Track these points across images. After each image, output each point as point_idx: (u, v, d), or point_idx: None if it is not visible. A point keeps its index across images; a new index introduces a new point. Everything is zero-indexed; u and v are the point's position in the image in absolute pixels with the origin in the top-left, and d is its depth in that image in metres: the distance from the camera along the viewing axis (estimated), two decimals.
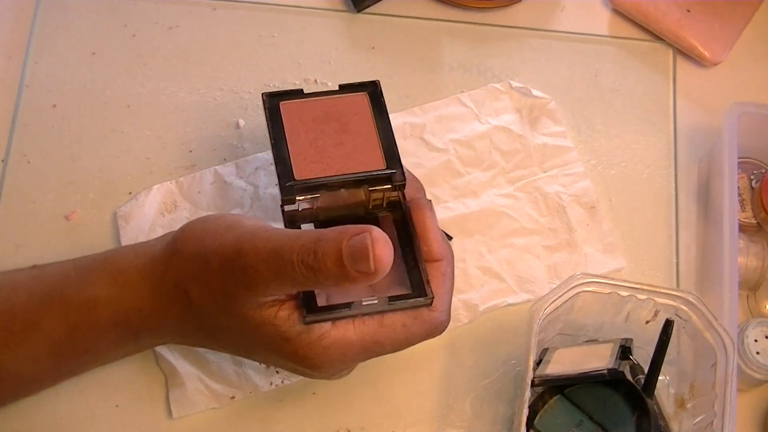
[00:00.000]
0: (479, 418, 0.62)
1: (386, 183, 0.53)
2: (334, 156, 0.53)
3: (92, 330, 0.52)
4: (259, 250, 0.47)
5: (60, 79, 0.70)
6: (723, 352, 0.56)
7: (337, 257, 0.45)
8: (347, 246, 0.45)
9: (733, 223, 0.63)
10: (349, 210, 0.54)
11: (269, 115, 0.55)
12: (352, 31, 0.73)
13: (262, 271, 0.47)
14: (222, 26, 0.73)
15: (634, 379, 0.58)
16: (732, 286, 0.61)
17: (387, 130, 0.55)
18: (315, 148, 0.54)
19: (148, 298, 0.51)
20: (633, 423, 0.56)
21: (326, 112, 0.55)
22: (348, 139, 0.54)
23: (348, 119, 0.55)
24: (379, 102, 0.56)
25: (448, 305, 0.52)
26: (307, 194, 0.52)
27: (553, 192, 0.68)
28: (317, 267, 0.45)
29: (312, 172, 0.53)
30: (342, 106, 0.56)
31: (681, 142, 0.72)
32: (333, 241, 0.45)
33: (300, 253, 0.46)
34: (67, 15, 0.72)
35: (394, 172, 0.53)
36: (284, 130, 0.54)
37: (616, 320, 0.61)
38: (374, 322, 0.50)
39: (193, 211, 0.66)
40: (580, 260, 0.66)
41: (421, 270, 0.51)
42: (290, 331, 0.49)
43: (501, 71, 0.72)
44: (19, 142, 0.68)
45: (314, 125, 0.55)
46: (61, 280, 0.53)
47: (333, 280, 0.46)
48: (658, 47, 0.74)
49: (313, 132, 0.54)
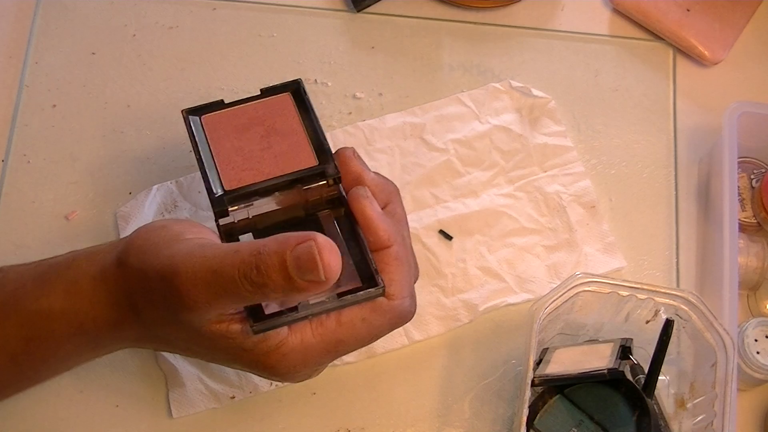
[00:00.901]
0: (479, 418, 0.62)
1: (320, 179, 0.52)
2: (263, 160, 0.52)
3: (48, 341, 0.51)
4: (196, 271, 0.45)
5: (60, 79, 0.70)
6: (723, 352, 0.56)
7: (282, 269, 0.43)
8: (291, 256, 0.43)
9: (733, 223, 0.63)
10: (287, 213, 0.52)
11: (191, 130, 0.53)
12: (352, 31, 0.73)
13: (200, 293, 0.45)
14: (222, 26, 0.73)
15: (634, 379, 0.58)
16: (732, 286, 0.61)
17: (314, 126, 0.53)
18: (242, 155, 0.52)
19: (102, 308, 0.50)
20: (633, 423, 0.56)
21: (250, 119, 0.54)
22: (275, 142, 0.53)
23: (273, 122, 0.54)
24: (302, 99, 0.55)
25: (409, 290, 0.51)
26: (240, 203, 0.51)
27: (553, 192, 0.68)
28: (262, 282, 0.44)
29: (242, 180, 0.51)
30: (265, 109, 0.55)
31: (681, 142, 0.72)
32: (275, 253, 0.44)
33: (241, 269, 0.44)
34: (67, 15, 0.72)
35: (326, 166, 0.52)
36: (208, 143, 0.53)
37: (616, 320, 0.61)
38: (332, 321, 0.49)
39: (193, 211, 0.66)
40: (580, 260, 0.66)
41: (368, 260, 0.49)
42: (246, 342, 0.48)
43: (501, 71, 0.72)
44: (19, 142, 0.68)
45: (239, 133, 0.53)
46: (17, 290, 0.52)
47: (281, 293, 0.44)
48: (658, 47, 0.74)
49: (239, 140, 0.53)
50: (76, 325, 0.50)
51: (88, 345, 0.52)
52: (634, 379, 0.58)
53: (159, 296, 0.47)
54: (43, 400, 0.61)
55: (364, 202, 0.50)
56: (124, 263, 0.49)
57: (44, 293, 0.51)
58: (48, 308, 0.50)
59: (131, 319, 0.50)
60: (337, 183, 0.52)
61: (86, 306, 0.50)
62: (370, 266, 0.49)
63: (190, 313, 0.46)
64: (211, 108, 0.55)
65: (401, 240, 0.51)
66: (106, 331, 0.51)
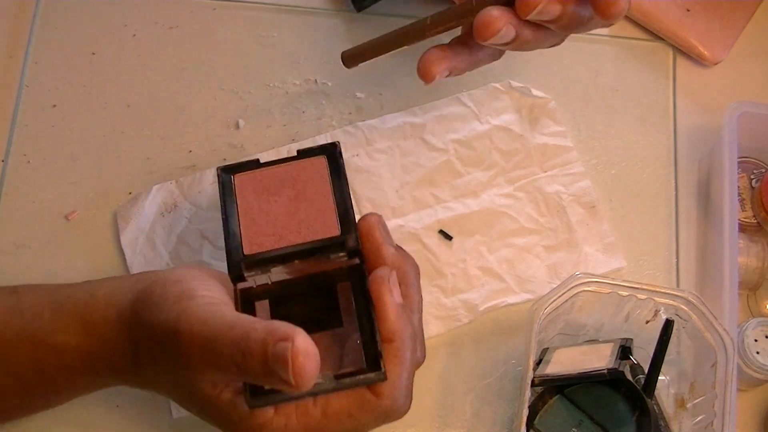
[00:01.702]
0: (479, 418, 0.62)
1: (339, 250, 0.50)
2: (287, 226, 0.51)
3: (61, 374, 0.52)
4: (195, 335, 0.45)
5: (60, 79, 0.70)
6: (723, 352, 0.56)
7: (262, 360, 0.43)
8: (272, 350, 0.43)
9: (733, 223, 0.63)
10: (306, 281, 0.51)
11: (222, 189, 0.53)
12: (352, 31, 0.73)
13: (196, 357, 0.45)
14: (222, 26, 0.73)
15: (634, 379, 0.58)
16: (732, 286, 0.61)
17: (343, 192, 0.52)
18: (267, 219, 0.51)
19: (118, 353, 0.50)
20: (633, 423, 0.56)
21: (281, 180, 0.53)
22: (302, 207, 0.52)
23: (304, 185, 0.53)
24: (337, 164, 0.53)
25: (403, 390, 0.49)
26: (257, 269, 0.50)
27: (553, 192, 0.68)
28: (245, 367, 0.44)
29: (263, 245, 0.50)
30: (298, 172, 0.53)
31: (681, 142, 0.72)
32: (260, 342, 0.43)
33: (230, 349, 0.44)
34: (67, 15, 0.72)
35: (348, 237, 0.50)
36: (237, 204, 0.52)
37: (616, 320, 0.61)
38: (318, 411, 0.47)
39: (193, 211, 0.66)
40: (580, 260, 0.66)
41: (376, 342, 0.48)
42: (233, 415, 0.47)
43: (501, 71, 0.72)
44: (19, 142, 0.68)
45: (268, 195, 0.52)
46: (34, 318, 0.52)
47: (261, 380, 0.44)
48: (658, 47, 0.74)
49: (267, 202, 0.52)
50: (89, 365, 0.51)
51: (98, 382, 0.53)
52: (634, 379, 0.58)
53: (161, 351, 0.48)
54: None
55: (383, 288, 0.49)
56: (136, 313, 0.49)
57: (61, 328, 0.51)
58: (63, 344, 0.51)
59: (134, 370, 0.50)
60: (355, 256, 0.51)
61: (100, 348, 0.50)
62: (376, 348, 0.48)
63: (186, 372, 0.47)
64: (246, 167, 0.54)
65: (408, 334, 0.49)
66: (115, 373, 0.52)
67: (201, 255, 0.65)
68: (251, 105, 0.70)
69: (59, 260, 0.65)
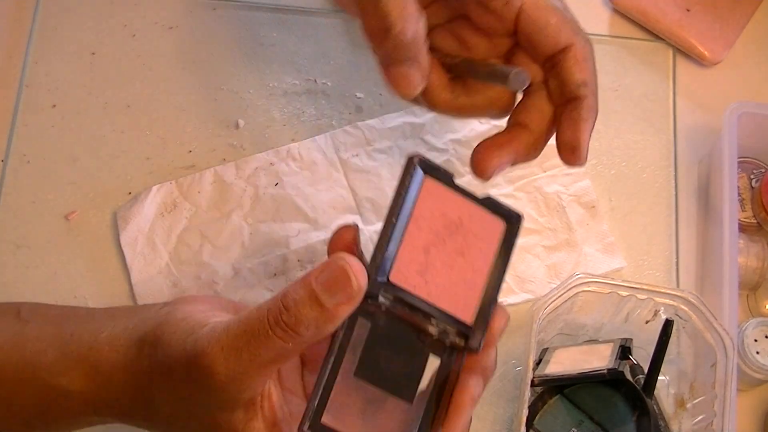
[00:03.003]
0: (479, 418, 0.62)
1: (459, 339, 0.46)
2: (436, 277, 0.45)
3: (63, 415, 0.51)
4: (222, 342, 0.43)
5: (60, 79, 0.70)
6: (723, 352, 0.56)
7: (311, 299, 0.41)
8: (318, 283, 0.41)
9: (733, 223, 0.63)
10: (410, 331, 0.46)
11: (408, 181, 0.45)
12: (352, 31, 0.73)
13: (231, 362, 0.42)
14: (222, 26, 0.73)
15: (634, 379, 0.58)
16: (732, 286, 0.61)
17: (501, 277, 0.47)
18: (426, 257, 0.45)
19: (127, 396, 0.49)
20: (633, 423, 0.56)
21: (459, 221, 0.47)
22: (459, 266, 0.46)
23: (473, 242, 0.47)
24: (512, 241, 0.47)
25: None
26: (388, 299, 0.45)
27: (553, 192, 0.68)
28: (295, 320, 0.41)
29: (408, 281, 0.45)
30: (476, 222, 0.47)
31: (681, 142, 0.72)
32: (301, 287, 0.42)
33: (270, 317, 0.42)
34: (67, 15, 0.72)
35: (474, 334, 0.46)
36: (412, 214, 0.45)
37: (616, 320, 0.61)
38: None
39: (193, 211, 0.66)
40: (579, 260, 0.66)
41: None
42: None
43: None
44: (19, 142, 0.68)
45: (440, 228, 0.46)
46: (38, 354, 0.50)
47: (314, 328, 0.42)
48: (658, 47, 0.74)
49: (435, 236, 0.46)
50: (92, 407, 0.50)
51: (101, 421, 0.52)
52: (634, 379, 0.58)
53: (185, 387, 0.45)
54: None
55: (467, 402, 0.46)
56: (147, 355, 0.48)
57: (64, 371, 0.50)
58: (66, 386, 0.50)
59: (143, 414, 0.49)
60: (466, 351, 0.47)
61: (105, 394, 0.49)
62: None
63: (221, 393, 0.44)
64: (440, 175, 0.46)
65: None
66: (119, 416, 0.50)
67: (201, 255, 0.65)
68: (251, 105, 0.70)
69: (59, 260, 0.65)
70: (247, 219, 0.66)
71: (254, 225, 0.66)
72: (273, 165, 0.68)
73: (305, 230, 0.66)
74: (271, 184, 0.67)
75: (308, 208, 0.66)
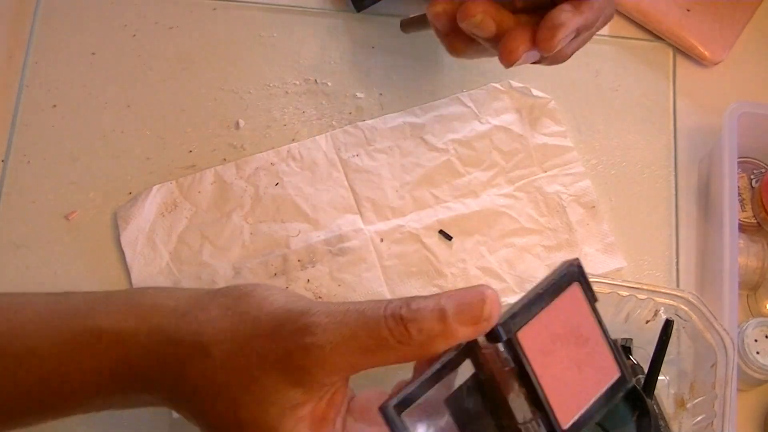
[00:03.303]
0: None
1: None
2: (553, 367, 0.44)
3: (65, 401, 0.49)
4: (330, 310, 0.41)
5: (60, 79, 0.70)
6: (723, 352, 0.56)
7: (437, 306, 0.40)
8: (449, 298, 0.40)
9: (733, 223, 0.63)
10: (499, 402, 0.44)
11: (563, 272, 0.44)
12: (352, 31, 0.73)
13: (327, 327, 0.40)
14: (222, 26, 0.73)
15: (635, 379, 0.58)
16: (732, 286, 0.61)
17: (601, 320, 0.46)
18: (561, 380, 0.44)
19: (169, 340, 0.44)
20: (633, 423, 0.56)
21: (587, 339, 0.45)
22: (574, 374, 0.44)
23: (578, 328, 0.45)
24: (590, 289, 0.46)
25: None
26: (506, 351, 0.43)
27: (553, 192, 0.68)
28: (410, 317, 0.39)
29: (530, 350, 0.43)
30: (566, 312, 0.45)
31: (681, 142, 0.72)
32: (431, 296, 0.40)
33: (390, 306, 0.40)
34: (67, 15, 0.72)
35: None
36: (553, 301, 0.44)
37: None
38: None
39: (193, 211, 0.66)
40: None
41: None
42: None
43: (501, 71, 0.72)
44: (19, 142, 0.68)
45: (569, 332, 0.45)
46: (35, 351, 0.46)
47: (425, 336, 0.40)
48: (658, 47, 0.74)
49: (564, 334, 0.45)
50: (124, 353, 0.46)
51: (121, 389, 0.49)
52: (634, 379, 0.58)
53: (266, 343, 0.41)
54: None
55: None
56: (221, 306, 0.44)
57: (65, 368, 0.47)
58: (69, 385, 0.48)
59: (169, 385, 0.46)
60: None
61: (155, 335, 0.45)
62: None
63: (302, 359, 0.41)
64: (588, 291, 0.45)
65: None
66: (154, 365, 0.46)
67: (201, 255, 0.65)
68: (251, 105, 0.70)
69: (59, 260, 0.65)
70: (248, 219, 0.66)
71: (254, 225, 0.66)
72: (273, 165, 0.68)
73: (306, 230, 0.66)
74: (272, 184, 0.67)
75: (308, 208, 0.67)
